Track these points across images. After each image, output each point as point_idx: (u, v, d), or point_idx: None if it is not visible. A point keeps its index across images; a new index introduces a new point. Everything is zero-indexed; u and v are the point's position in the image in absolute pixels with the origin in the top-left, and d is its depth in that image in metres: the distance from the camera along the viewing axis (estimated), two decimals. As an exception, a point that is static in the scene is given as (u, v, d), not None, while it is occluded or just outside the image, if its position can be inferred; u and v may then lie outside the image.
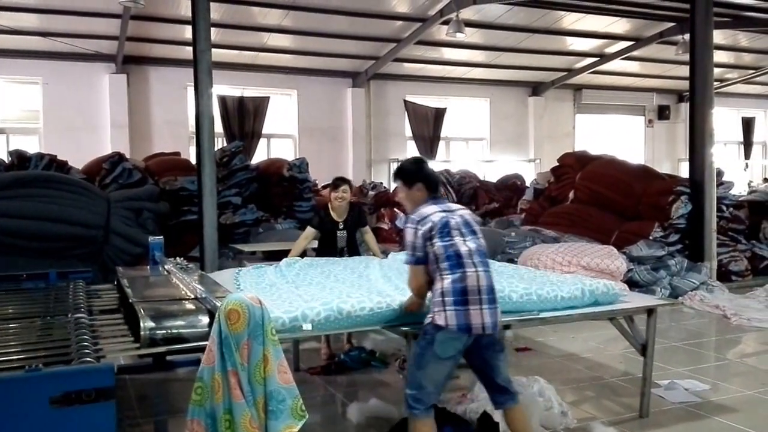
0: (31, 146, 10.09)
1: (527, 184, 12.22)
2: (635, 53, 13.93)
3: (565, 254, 6.95)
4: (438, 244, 3.09)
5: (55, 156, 8.19)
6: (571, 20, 12.25)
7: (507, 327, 3.68)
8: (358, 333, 5.90)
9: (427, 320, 3.09)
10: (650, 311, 4.12)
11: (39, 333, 3.38)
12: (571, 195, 9.71)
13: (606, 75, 15.52)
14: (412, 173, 3.33)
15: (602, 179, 9.36)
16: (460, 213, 3.26)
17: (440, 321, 3.00)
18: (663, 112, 17.47)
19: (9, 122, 11.74)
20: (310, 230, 5.55)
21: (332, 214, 5.48)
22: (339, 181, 5.53)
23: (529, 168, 15.57)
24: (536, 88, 16.01)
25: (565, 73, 15.35)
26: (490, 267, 3.21)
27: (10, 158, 8.20)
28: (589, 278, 4.35)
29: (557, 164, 10.65)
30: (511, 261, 7.54)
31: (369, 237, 5.77)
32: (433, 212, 3.16)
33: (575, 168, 9.97)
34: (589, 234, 8.56)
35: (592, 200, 9.35)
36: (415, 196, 3.30)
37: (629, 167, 9.85)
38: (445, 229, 3.11)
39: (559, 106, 16.39)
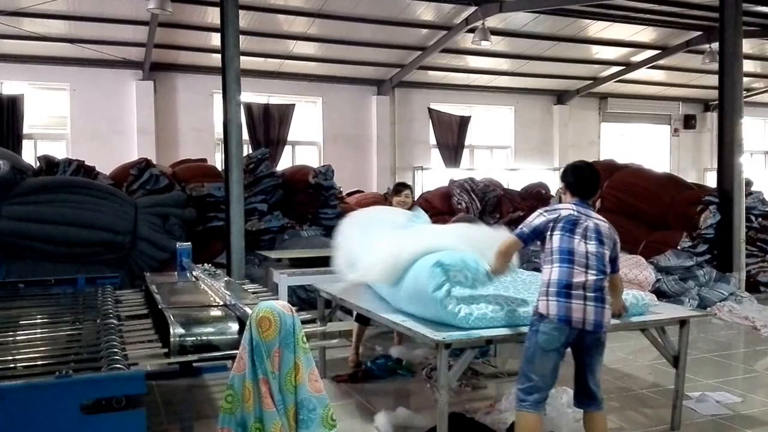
0: (58, 152, 10.23)
1: (552, 192, 12.10)
2: (661, 62, 13.80)
3: (592, 264, 6.85)
4: (557, 235, 3.22)
5: (83, 161, 8.28)
6: (597, 29, 12.17)
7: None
8: (384, 341, 5.89)
9: (532, 309, 3.27)
10: (683, 322, 4.07)
11: (68, 338, 3.39)
12: (597, 204, 9.61)
13: (632, 84, 15.38)
14: (564, 176, 3.50)
15: (629, 188, 9.25)
16: (596, 221, 3.32)
17: (542, 309, 3.14)
18: (689, 122, 17.26)
19: (37, 128, 11.92)
20: None
21: None
22: (401, 187, 5.78)
23: (554, 176, 15.43)
24: (561, 97, 15.91)
25: (590, 81, 15.24)
26: (605, 275, 3.23)
27: (38, 163, 8.32)
28: None
29: (583, 173, 10.53)
30: (537, 270, 7.48)
31: None
32: (564, 207, 3.32)
33: (602, 177, 9.87)
34: (616, 244, 8.45)
35: (619, 209, 9.24)
36: (564, 198, 3.47)
37: (657, 176, 9.73)
38: (568, 225, 3.22)
39: (584, 115, 16.27)
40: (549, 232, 3.24)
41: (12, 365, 2.85)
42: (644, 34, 12.56)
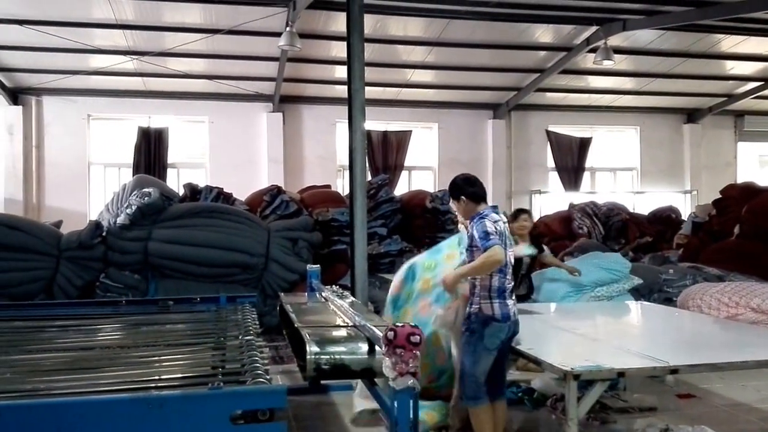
0: (198, 180, 11.04)
1: (683, 217, 11.46)
2: (807, 75, 12.74)
3: (731, 294, 6.40)
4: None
5: (222, 189, 8.95)
6: (731, 43, 11.49)
7: (674, 371, 3.48)
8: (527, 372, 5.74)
9: (473, 309, 3.73)
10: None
11: (213, 353, 3.66)
12: (736, 230, 8.96)
13: (772, 100, 14.30)
14: (463, 190, 3.96)
15: (772, 213, 8.56)
16: (503, 223, 3.89)
17: (488, 311, 3.70)
18: (841, 139, 15.72)
19: (180, 158, 12.98)
20: None
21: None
22: (519, 212, 5.93)
23: (685, 200, 14.60)
24: (692, 115, 15.06)
25: (724, 98, 14.35)
26: None
27: (183, 190, 9.08)
28: None
29: (719, 196, 9.91)
30: (669, 300, 7.11)
31: (550, 258, 6.47)
32: (498, 219, 3.81)
33: (740, 200, 9.22)
34: (757, 273, 7.83)
35: (759, 236, 8.56)
36: (473, 209, 3.92)
37: (804, 200, 8.93)
38: (503, 237, 3.76)
39: (718, 134, 15.29)
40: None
41: (169, 375, 3.15)
42: (786, 46, 11.68)
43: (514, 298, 3.84)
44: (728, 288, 6.62)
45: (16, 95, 12.05)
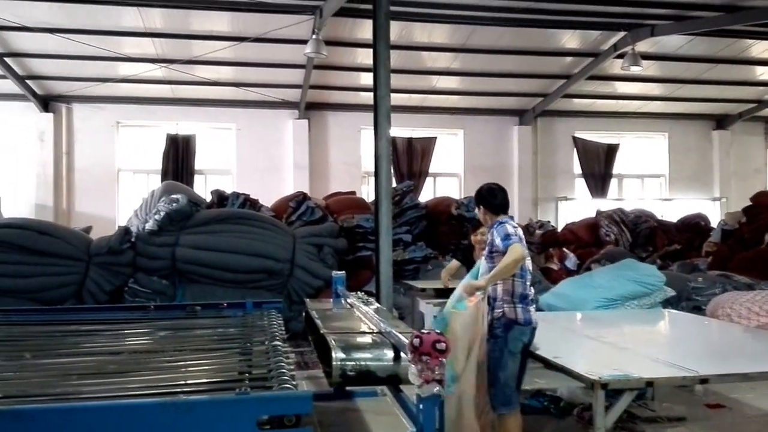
0: (225, 186, 11.16)
1: (713, 224, 11.27)
2: (841, 80, 12.46)
3: (762, 303, 6.26)
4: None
5: (249, 195, 9.04)
6: (761, 48, 11.31)
7: (704, 381, 3.42)
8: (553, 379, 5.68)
9: (496, 314, 3.79)
10: None
11: (240, 358, 3.69)
12: (766, 237, 8.81)
13: (805, 105, 14.00)
14: (487, 200, 4.08)
15: (805, 221, 8.39)
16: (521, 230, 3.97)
17: (511, 315, 3.78)
18: None
19: (207, 164, 13.14)
20: (455, 263, 5.77)
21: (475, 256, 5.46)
22: (479, 224, 5.57)
23: (714, 207, 14.36)
24: (721, 121, 14.83)
25: (754, 104, 14.11)
26: None
27: (211, 197, 9.19)
28: None
29: (749, 203, 9.73)
30: (698, 309, 7.00)
31: None
32: (517, 226, 3.91)
33: (770, 208, 9.06)
34: (790, 282, 7.68)
35: (793, 244, 8.41)
36: (493, 218, 4.03)
37: (839, 207, 8.74)
38: (522, 241, 3.83)
39: (748, 140, 15.03)
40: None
41: (196, 380, 3.18)
42: (819, 51, 11.45)
43: (534, 305, 3.93)
44: (759, 297, 6.49)
45: (46, 102, 12.33)
